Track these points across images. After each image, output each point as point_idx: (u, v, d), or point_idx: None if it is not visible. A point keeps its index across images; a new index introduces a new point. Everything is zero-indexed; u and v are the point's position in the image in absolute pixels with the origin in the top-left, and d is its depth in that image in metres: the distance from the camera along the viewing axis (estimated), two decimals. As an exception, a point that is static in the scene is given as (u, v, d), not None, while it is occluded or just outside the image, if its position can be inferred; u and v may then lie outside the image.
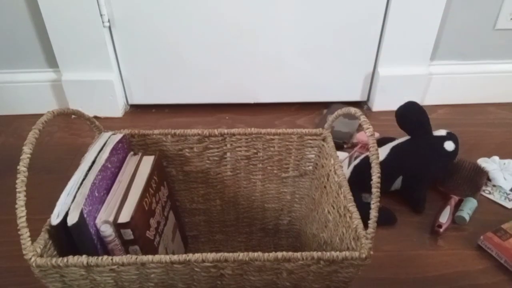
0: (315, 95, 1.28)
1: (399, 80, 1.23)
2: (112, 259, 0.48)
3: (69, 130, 1.20)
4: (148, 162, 0.66)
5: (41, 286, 0.53)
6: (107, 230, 0.53)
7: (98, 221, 0.54)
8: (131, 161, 0.66)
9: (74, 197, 0.52)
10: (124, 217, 0.54)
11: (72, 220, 0.50)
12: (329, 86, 1.26)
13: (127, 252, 0.57)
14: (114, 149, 0.62)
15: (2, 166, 1.03)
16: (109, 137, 0.64)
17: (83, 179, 0.55)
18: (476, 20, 1.18)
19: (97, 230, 0.54)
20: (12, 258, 0.79)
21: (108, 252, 0.55)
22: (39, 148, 1.10)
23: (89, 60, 1.17)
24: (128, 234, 0.55)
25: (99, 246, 0.54)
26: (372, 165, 0.50)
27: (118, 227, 0.54)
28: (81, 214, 0.50)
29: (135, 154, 0.68)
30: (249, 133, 0.71)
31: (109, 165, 0.60)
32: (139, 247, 0.56)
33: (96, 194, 0.55)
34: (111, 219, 0.54)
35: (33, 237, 0.49)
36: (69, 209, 0.51)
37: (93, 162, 0.58)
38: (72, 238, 0.52)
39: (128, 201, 0.57)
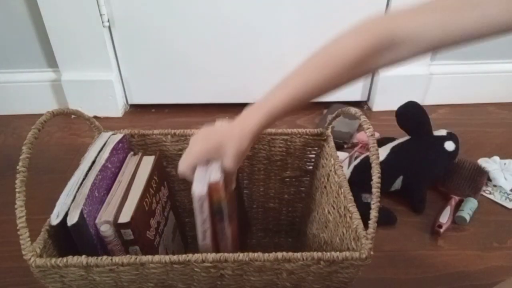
0: (315, 95, 1.28)
1: (399, 80, 1.23)
2: (111, 259, 0.48)
3: (69, 130, 1.20)
4: (148, 162, 0.65)
5: (40, 286, 0.53)
6: (107, 230, 0.53)
7: (98, 221, 0.54)
8: (131, 161, 0.66)
9: (74, 197, 0.52)
10: (124, 217, 0.54)
11: (72, 220, 0.50)
12: (329, 86, 1.26)
13: (127, 252, 0.56)
14: (114, 149, 0.62)
15: (1, 166, 1.03)
16: (109, 137, 0.64)
17: (83, 179, 0.55)
18: (476, 20, 1.18)
19: (97, 230, 0.54)
20: (12, 258, 0.79)
21: (108, 252, 0.55)
22: (39, 148, 1.10)
23: (89, 60, 1.17)
24: (128, 234, 0.54)
25: (99, 246, 0.54)
26: (372, 165, 0.49)
27: (118, 227, 0.54)
28: (81, 214, 0.50)
29: (135, 154, 0.68)
30: (249, 133, 0.70)
31: (109, 165, 0.60)
32: (139, 247, 0.56)
33: (96, 194, 0.55)
34: (111, 219, 0.54)
35: (33, 237, 0.49)
36: (69, 209, 0.51)
37: (93, 162, 0.58)
38: (72, 238, 0.51)
39: (128, 201, 0.57)
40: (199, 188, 0.50)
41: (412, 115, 0.92)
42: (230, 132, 0.52)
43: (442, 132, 0.94)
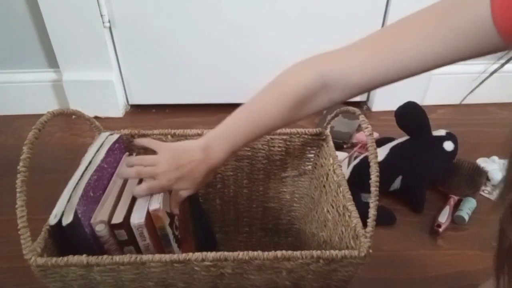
0: (315, 95, 1.28)
1: (399, 80, 1.23)
2: (112, 259, 0.48)
3: (70, 130, 1.20)
4: None
5: (41, 286, 0.53)
6: (102, 230, 0.53)
7: (93, 221, 0.54)
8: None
9: (70, 197, 0.52)
10: (117, 218, 0.54)
11: (66, 220, 0.50)
12: (329, 86, 1.26)
13: (122, 252, 0.56)
14: (110, 149, 0.62)
15: (2, 166, 1.03)
16: (106, 138, 0.64)
17: (79, 180, 0.55)
18: (475, 20, 1.18)
19: (93, 230, 0.53)
20: (12, 258, 0.79)
21: (104, 252, 0.55)
22: (40, 148, 1.10)
23: (90, 60, 1.17)
24: (122, 234, 0.54)
25: (95, 246, 0.54)
26: (371, 164, 0.50)
27: (112, 227, 0.54)
28: (75, 214, 0.50)
29: (130, 154, 0.68)
30: (249, 133, 0.71)
31: (106, 166, 0.60)
32: (133, 247, 0.56)
33: (92, 194, 0.55)
34: (105, 219, 0.54)
35: (34, 237, 0.49)
36: (64, 209, 0.51)
37: (90, 163, 0.58)
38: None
39: (122, 201, 0.57)
40: (137, 217, 0.53)
41: (411, 116, 0.92)
42: (197, 167, 0.56)
43: (441, 132, 0.95)
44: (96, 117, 1.21)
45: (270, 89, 0.56)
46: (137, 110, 1.29)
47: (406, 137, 0.94)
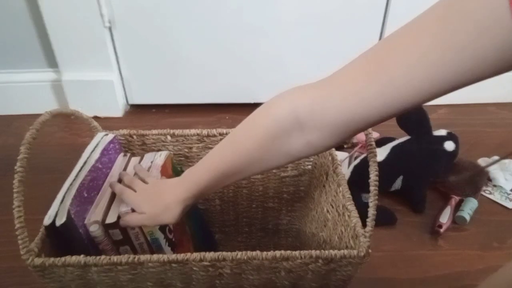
0: (315, 95, 1.28)
1: (399, 80, 1.22)
2: (109, 259, 0.48)
3: (69, 130, 1.20)
4: (136, 162, 0.65)
5: (41, 286, 0.53)
6: (96, 231, 0.53)
7: (87, 221, 0.53)
8: (119, 162, 0.66)
9: (63, 198, 0.52)
10: (112, 218, 0.54)
11: (60, 220, 0.50)
12: (329, 86, 1.26)
13: (118, 252, 0.56)
14: (105, 150, 0.62)
15: (2, 166, 1.03)
16: (101, 138, 0.64)
17: (73, 180, 0.55)
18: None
19: (87, 231, 0.53)
20: (12, 258, 0.79)
21: (99, 252, 0.55)
22: (39, 148, 1.10)
23: (90, 60, 1.17)
24: (117, 234, 0.54)
25: (90, 247, 0.54)
26: (370, 163, 0.49)
27: (106, 227, 0.54)
28: (69, 214, 0.50)
29: (125, 155, 0.68)
30: (248, 133, 0.70)
31: (100, 166, 0.60)
32: (129, 247, 0.56)
33: (85, 195, 0.55)
34: (99, 219, 0.54)
35: (33, 237, 0.49)
36: (58, 209, 0.51)
37: (85, 163, 0.58)
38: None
39: (116, 201, 0.57)
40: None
41: (412, 115, 0.92)
42: (165, 208, 0.52)
43: (442, 132, 0.94)
44: (96, 117, 1.21)
45: (244, 122, 0.49)
46: (137, 110, 1.29)
47: (406, 137, 0.94)
